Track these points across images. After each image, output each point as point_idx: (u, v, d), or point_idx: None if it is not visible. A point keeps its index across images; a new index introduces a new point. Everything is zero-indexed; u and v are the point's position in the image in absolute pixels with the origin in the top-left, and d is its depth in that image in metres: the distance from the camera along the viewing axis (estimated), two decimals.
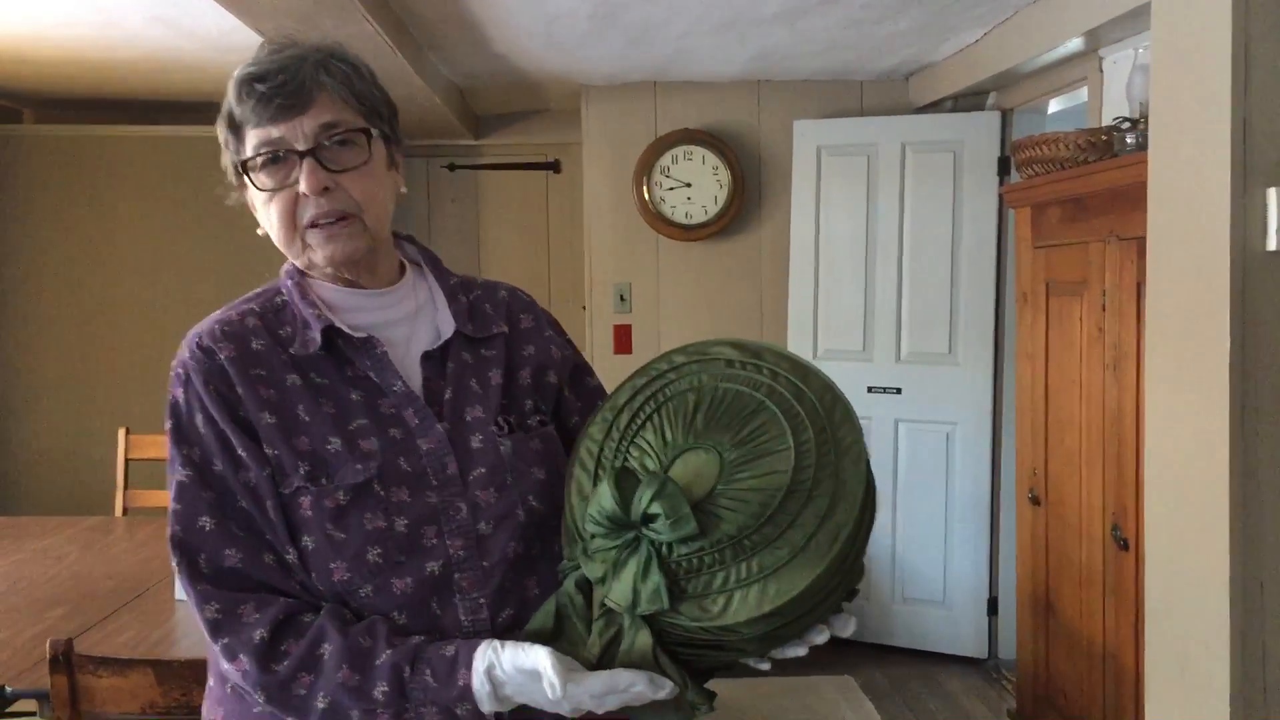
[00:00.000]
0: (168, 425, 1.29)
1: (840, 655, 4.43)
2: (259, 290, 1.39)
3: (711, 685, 1.19)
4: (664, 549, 1.13)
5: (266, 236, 1.35)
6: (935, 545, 4.39)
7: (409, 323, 1.38)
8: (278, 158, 1.27)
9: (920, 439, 4.37)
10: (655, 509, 1.12)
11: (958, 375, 4.29)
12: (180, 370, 1.29)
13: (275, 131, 1.26)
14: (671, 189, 4.60)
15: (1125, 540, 2.71)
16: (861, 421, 4.26)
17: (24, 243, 4.75)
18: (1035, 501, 3.25)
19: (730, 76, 4.54)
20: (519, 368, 1.41)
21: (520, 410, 1.38)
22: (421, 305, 1.41)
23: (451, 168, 5.74)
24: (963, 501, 4.33)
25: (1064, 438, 3.06)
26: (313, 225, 1.29)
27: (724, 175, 4.58)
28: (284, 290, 1.36)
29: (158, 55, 3.93)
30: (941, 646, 4.42)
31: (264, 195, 1.29)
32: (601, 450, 1.25)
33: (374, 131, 1.32)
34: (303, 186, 1.26)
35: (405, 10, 3.35)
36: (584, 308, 4.87)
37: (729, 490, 1.14)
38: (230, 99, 1.29)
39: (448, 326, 1.38)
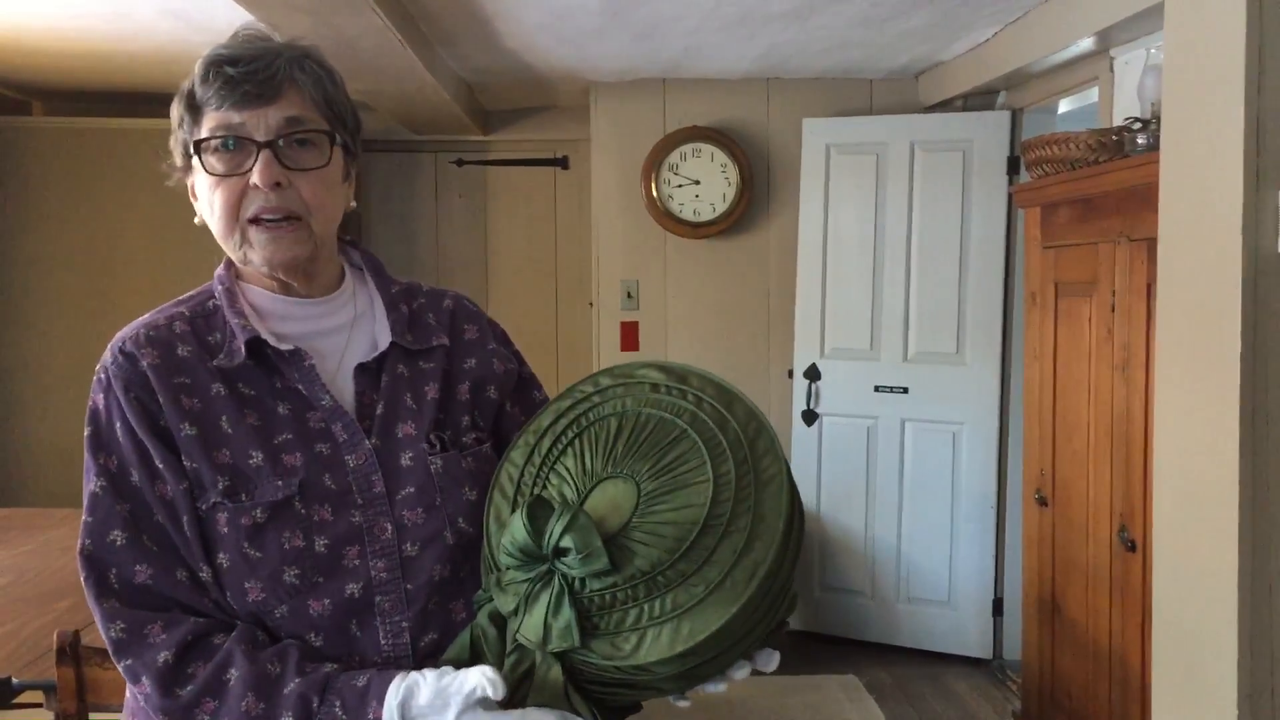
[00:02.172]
0: (86, 432, 1.23)
1: (845, 654, 4.43)
2: (192, 293, 1.33)
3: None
4: (577, 583, 1.09)
5: (198, 229, 1.30)
6: (941, 545, 4.38)
7: (345, 332, 1.33)
8: (232, 144, 1.22)
9: (927, 439, 4.36)
10: (566, 542, 1.08)
11: (965, 375, 4.28)
12: (102, 375, 1.24)
13: (237, 117, 1.21)
14: (680, 186, 4.60)
15: (1132, 542, 2.71)
16: (868, 421, 4.27)
17: (32, 235, 4.76)
18: (1042, 502, 3.24)
19: (739, 74, 4.53)
20: (458, 381, 1.36)
21: (455, 427, 1.33)
22: (360, 314, 1.35)
23: (460, 163, 5.73)
24: (969, 502, 4.32)
25: (1072, 439, 3.06)
26: (255, 221, 1.23)
27: (732, 173, 4.57)
28: (216, 294, 1.31)
29: (168, 48, 3.93)
30: (946, 646, 4.41)
31: (211, 180, 1.23)
32: (522, 476, 1.21)
33: (337, 138, 1.28)
34: (256, 178, 1.21)
35: (415, 5, 3.35)
36: (591, 304, 4.87)
37: (644, 523, 1.10)
38: (194, 78, 1.24)
39: (384, 338, 1.32)
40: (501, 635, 1.15)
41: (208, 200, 1.26)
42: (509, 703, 1.11)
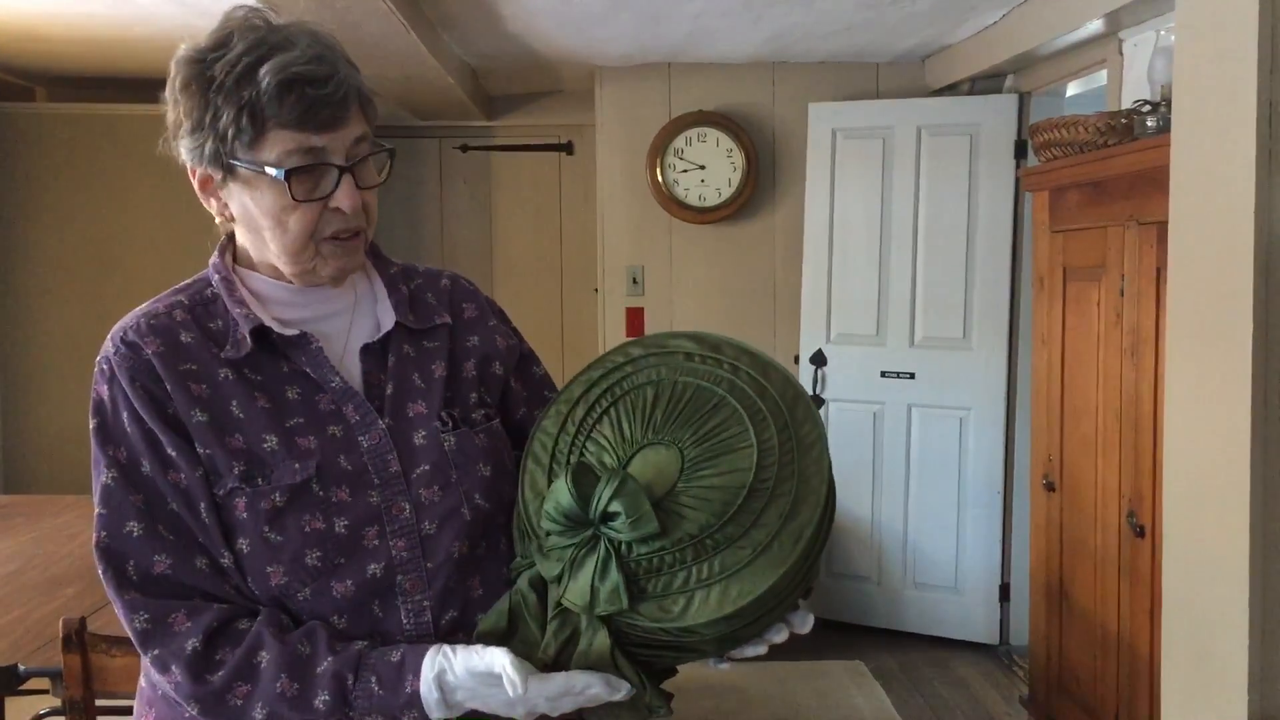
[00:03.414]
0: (92, 424, 1.22)
1: (851, 639, 4.43)
2: (187, 282, 1.32)
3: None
4: (623, 548, 1.10)
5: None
6: (948, 531, 4.37)
7: (348, 314, 1.33)
8: (314, 167, 1.20)
9: (933, 424, 4.35)
10: (615, 507, 1.09)
11: (972, 360, 4.27)
12: (104, 366, 1.23)
13: (318, 141, 1.19)
14: (685, 171, 4.58)
15: (1141, 527, 2.70)
16: (875, 406, 4.27)
17: (36, 221, 4.75)
18: (1050, 487, 3.23)
19: (745, 58, 4.50)
20: (463, 359, 1.36)
21: (465, 404, 1.33)
22: (361, 296, 1.35)
23: (464, 149, 5.72)
24: (975, 487, 4.31)
25: (1080, 423, 3.04)
26: (327, 238, 1.23)
27: (738, 158, 4.55)
28: (213, 284, 1.30)
29: (171, 33, 3.89)
30: (953, 632, 4.41)
31: (288, 204, 1.20)
32: (555, 444, 1.22)
33: (395, 152, 1.29)
34: (345, 204, 1.21)
35: None
36: (596, 290, 4.86)
37: (690, 488, 1.12)
38: (264, 90, 1.16)
39: (388, 318, 1.32)
40: (542, 601, 1.16)
41: (275, 220, 1.22)
42: (554, 666, 1.12)
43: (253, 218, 1.24)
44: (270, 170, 1.19)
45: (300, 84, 1.17)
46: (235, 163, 1.20)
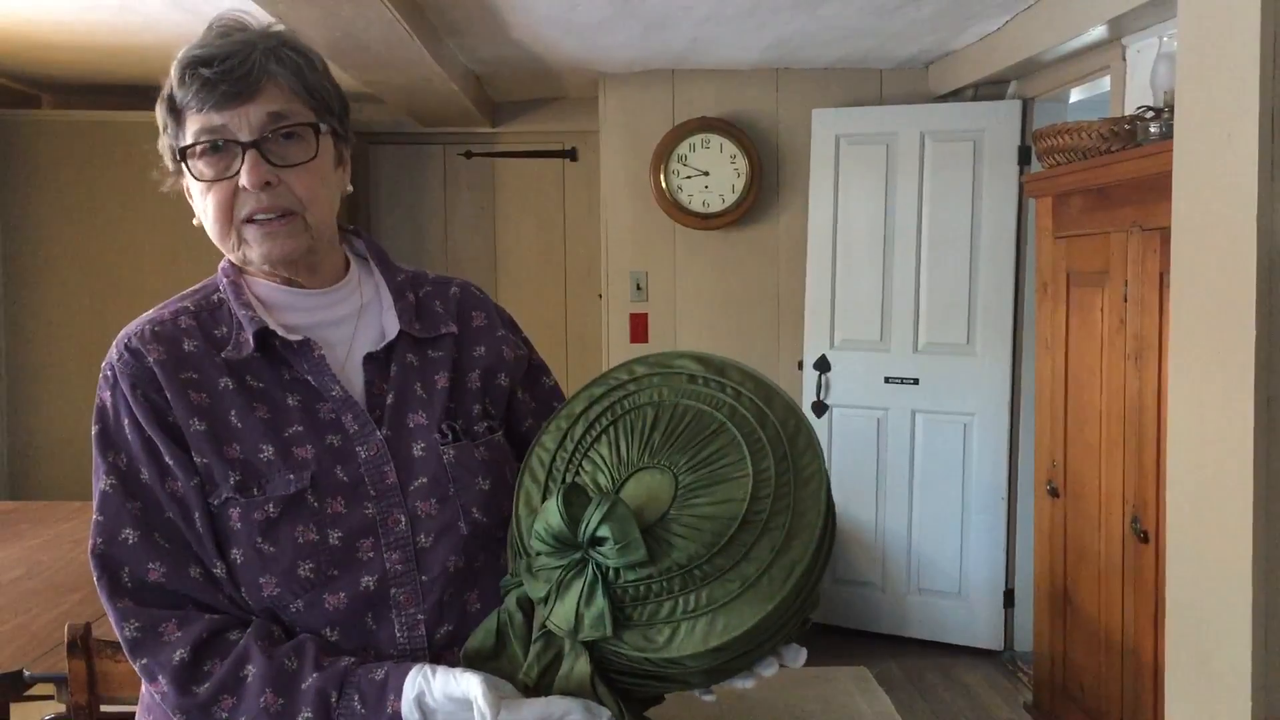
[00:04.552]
0: (94, 430, 1.22)
1: (855, 646, 4.42)
2: (196, 287, 1.32)
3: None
4: (611, 573, 1.08)
5: (202, 227, 1.28)
6: (951, 536, 4.37)
7: (352, 322, 1.32)
8: (218, 146, 1.20)
9: (937, 430, 4.35)
10: (604, 532, 1.07)
11: (975, 366, 4.27)
12: (108, 372, 1.23)
13: (218, 119, 1.19)
14: (689, 177, 4.59)
15: (1145, 532, 2.69)
16: (879, 412, 4.27)
17: (41, 228, 4.77)
18: (1054, 493, 3.23)
19: (749, 64, 4.51)
20: (468, 370, 1.34)
21: (467, 416, 1.31)
22: (367, 303, 1.34)
23: (468, 155, 5.73)
24: (979, 493, 4.31)
25: (1084, 429, 3.04)
26: (250, 220, 1.22)
27: (742, 164, 4.56)
28: (220, 288, 1.29)
29: (176, 40, 3.89)
30: (957, 638, 4.40)
31: (201, 185, 1.22)
32: (553, 461, 1.20)
33: (323, 127, 1.25)
34: (243, 180, 1.19)
35: None
36: (600, 296, 4.86)
37: (682, 516, 1.09)
38: (172, 81, 1.22)
39: (392, 327, 1.31)
40: (529, 621, 1.14)
41: (200, 205, 1.25)
42: (537, 688, 1.10)
43: (196, 208, 1.27)
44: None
45: (195, 65, 1.20)
46: (178, 159, 1.24)
